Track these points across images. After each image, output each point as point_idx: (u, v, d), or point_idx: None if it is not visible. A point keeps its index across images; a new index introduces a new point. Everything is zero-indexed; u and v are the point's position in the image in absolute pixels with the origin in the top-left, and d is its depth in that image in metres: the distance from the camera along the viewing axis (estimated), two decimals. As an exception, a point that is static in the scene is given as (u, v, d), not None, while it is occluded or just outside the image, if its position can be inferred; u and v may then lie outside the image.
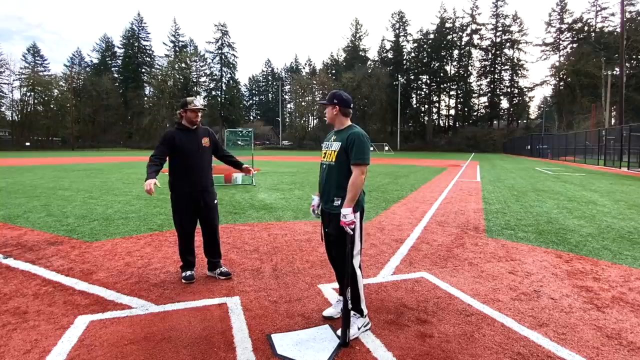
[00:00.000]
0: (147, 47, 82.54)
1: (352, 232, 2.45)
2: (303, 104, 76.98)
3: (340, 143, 2.58)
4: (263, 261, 4.05)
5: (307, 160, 27.90)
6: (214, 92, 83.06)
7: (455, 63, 78.20)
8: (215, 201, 3.60)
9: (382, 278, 3.60)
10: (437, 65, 77.93)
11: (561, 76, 63.69)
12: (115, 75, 78.83)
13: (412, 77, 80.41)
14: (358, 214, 2.55)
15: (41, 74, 70.29)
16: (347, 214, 2.43)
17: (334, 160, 2.60)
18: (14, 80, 67.54)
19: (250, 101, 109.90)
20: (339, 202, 2.56)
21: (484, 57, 75.56)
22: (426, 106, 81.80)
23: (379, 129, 71.91)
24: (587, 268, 3.92)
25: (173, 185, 3.44)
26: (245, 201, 8.10)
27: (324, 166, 2.68)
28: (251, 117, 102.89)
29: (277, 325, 2.62)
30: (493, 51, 74.01)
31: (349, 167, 2.55)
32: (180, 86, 74.86)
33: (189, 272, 3.49)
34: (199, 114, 3.46)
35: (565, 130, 45.25)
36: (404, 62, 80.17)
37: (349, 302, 2.44)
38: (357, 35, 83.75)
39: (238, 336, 2.46)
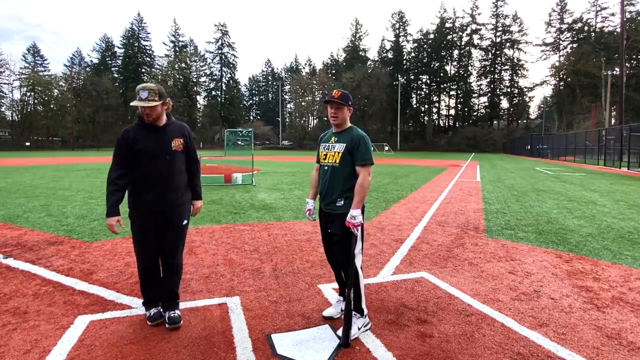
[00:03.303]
0: (147, 47, 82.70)
1: (357, 233, 2.48)
2: (303, 104, 76.99)
3: (344, 144, 2.59)
4: (263, 261, 4.05)
5: (307, 160, 27.90)
6: (214, 92, 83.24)
7: (455, 63, 78.34)
8: (185, 222, 2.75)
9: (382, 278, 3.60)
10: (437, 65, 77.99)
11: (561, 76, 63.72)
12: (115, 75, 78.87)
13: (412, 77, 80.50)
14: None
15: (41, 74, 70.30)
16: (356, 215, 2.45)
17: (338, 161, 2.60)
18: (14, 80, 67.61)
19: (250, 101, 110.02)
20: (342, 203, 2.57)
21: (484, 57, 75.71)
22: (426, 106, 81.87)
23: (379, 129, 71.96)
24: (587, 268, 3.92)
25: (132, 201, 2.65)
26: (245, 201, 8.10)
27: (326, 168, 2.68)
28: (251, 117, 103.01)
29: (277, 325, 2.62)
30: (493, 51, 74.06)
31: (353, 168, 2.56)
32: (180, 86, 74.92)
33: (154, 310, 2.68)
34: (155, 110, 2.53)
35: (565, 130, 45.27)
36: (404, 62, 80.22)
37: (352, 303, 2.45)
38: (357, 35, 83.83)
39: (238, 336, 2.46)
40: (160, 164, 2.60)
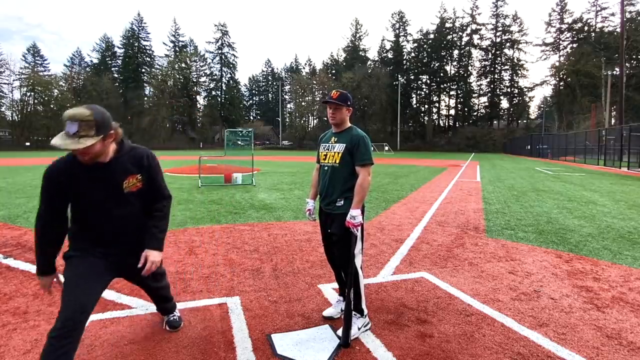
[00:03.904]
0: (147, 47, 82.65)
1: (357, 233, 2.48)
2: (303, 104, 76.98)
3: (344, 144, 2.59)
4: (263, 261, 4.05)
5: (307, 160, 27.90)
6: (214, 92, 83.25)
7: (455, 63, 78.29)
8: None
9: (382, 278, 3.60)
10: (437, 65, 77.97)
11: (561, 76, 63.70)
12: (115, 75, 78.85)
13: (412, 77, 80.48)
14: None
15: (41, 74, 70.32)
16: (356, 215, 2.45)
17: (338, 161, 2.60)
18: (14, 80, 67.65)
19: (250, 101, 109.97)
20: (342, 203, 2.57)
21: (484, 57, 75.66)
22: (426, 106, 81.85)
23: (379, 129, 71.97)
24: (587, 268, 3.92)
25: (73, 239, 2.02)
26: (245, 201, 8.10)
27: (326, 168, 2.68)
28: (251, 117, 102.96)
29: (277, 325, 2.62)
30: (493, 51, 74.03)
31: (353, 168, 2.56)
32: (180, 86, 74.97)
33: None
34: (90, 150, 1.76)
35: (565, 130, 45.27)
36: (404, 62, 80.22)
37: (352, 303, 2.45)
38: (357, 35, 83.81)
39: (238, 336, 2.46)
40: (107, 212, 1.92)
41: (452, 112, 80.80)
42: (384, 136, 68.27)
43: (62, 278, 1.93)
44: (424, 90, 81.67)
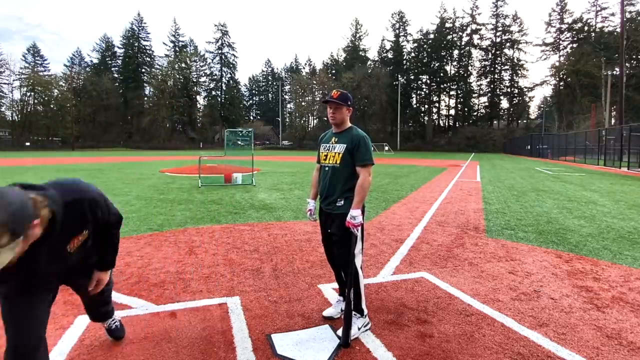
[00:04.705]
0: (147, 47, 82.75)
1: (357, 233, 2.48)
2: (303, 104, 77.01)
3: (344, 145, 2.59)
4: (263, 261, 4.05)
5: (307, 160, 27.90)
6: (214, 92, 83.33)
7: (455, 63, 78.34)
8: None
9: (382, 278, 3.60)
10: (437, 65, 78.02)
11: (561, 76, 63.73)
12: (115, 75, 78.95)
13: (412, 77, 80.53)
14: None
15: (41, 74, 70.40)
16: (356, 215, 2.45)
17: (338, 162, 2.60)
18: (14, 80, 67.79)
19: (250, 101, 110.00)
20: (342, 203, 2.57)
21: (484, 57, 75.70)
22: (426, 106, 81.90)
23: (379, 129, 71.98)
24: (587, 268, 3.92)
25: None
26: (245, 201, 8.10)
27: (327, 168, 2.68)
28: (251, 117, 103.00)
29: (277, 325, 2.62)
30: (493, 51, 74.06)
31: (354, 169, 2.56)
32: (180, 86, 75.04)
33: None
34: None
35: (565, 130, 45.27)
36: (404, 62, 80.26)
37: (352, 303, 2.45)
38: (357, 35, 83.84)
39: (238, 336, 2.46)
40: (50, 273, 1.74)
41: (452, 112, 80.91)
42: (384, 136, 68.28)
43: None
44: (424, 90, 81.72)
